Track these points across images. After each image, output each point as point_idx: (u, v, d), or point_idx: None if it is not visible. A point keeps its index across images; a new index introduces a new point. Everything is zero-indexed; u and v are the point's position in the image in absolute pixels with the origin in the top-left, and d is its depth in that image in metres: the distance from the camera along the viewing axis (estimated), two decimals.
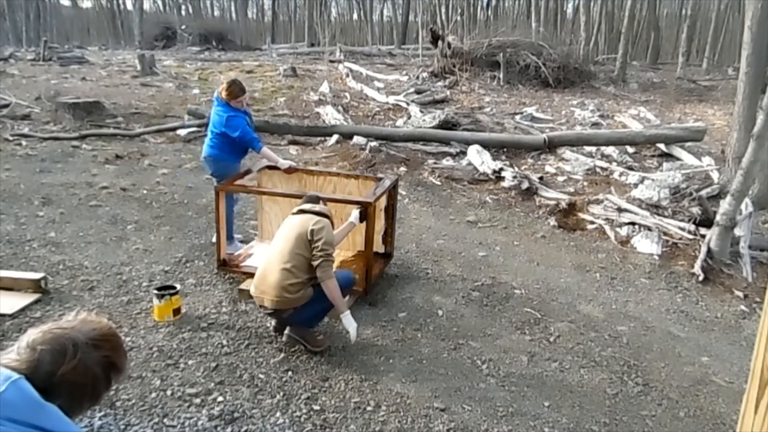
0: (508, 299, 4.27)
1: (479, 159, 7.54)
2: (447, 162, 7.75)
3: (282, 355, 3.27)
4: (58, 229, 4.85)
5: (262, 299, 3.25)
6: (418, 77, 14.58)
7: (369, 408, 2.90)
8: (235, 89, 4.29)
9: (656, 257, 5.32)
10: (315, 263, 3.17)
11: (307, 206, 3.45)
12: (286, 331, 3.34)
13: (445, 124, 8.93)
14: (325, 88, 12.08)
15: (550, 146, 8.35)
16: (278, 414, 2.79)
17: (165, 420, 2.69)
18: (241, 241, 4.74)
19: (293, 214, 3.45)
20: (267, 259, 3.34)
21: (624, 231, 5.79)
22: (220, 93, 4.35)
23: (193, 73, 14.21)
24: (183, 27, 25.47)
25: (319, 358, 3.27)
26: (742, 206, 5.38)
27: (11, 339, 3.21)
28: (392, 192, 4.44)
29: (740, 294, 4.81)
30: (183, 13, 35.39)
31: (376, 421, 2.81)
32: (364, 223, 3.88)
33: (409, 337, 3.60)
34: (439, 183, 7.06)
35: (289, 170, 4.48)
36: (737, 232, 5.36)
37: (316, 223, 3.26)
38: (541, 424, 2.92)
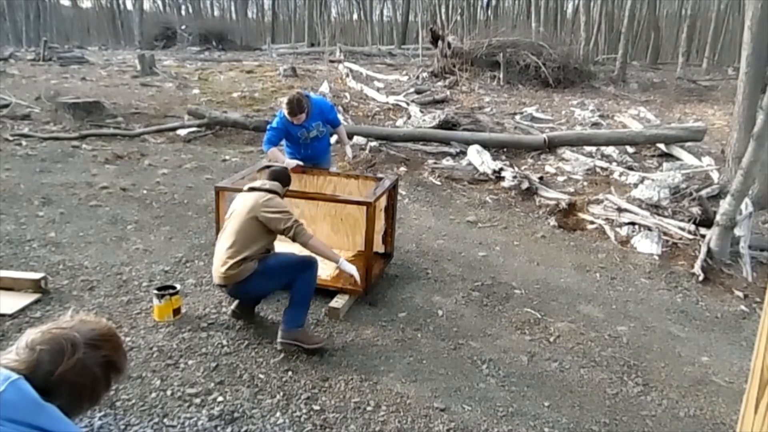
0: (508, 299, 4.27)
1: (479, 159, 7.54)
2: (447, 162, 7.75)
3: (282, 355, 3.27)
4: (58, 229, 4.85)
5: (214, 276, 3.36)
6: (418, 77, 14.57)
7: (369, 408, 2.90)
8: (285, 108, 4.49)
9: (656, 257, 5.32)
10: (288, 235, 3.27)
11: (258, 183, 3.49)
12: (279, 339, 3.27)
13: (445, 124, 8.92)
14: (325, 88, 12.08)
15: (550, 146, 8.34)
16: (278, 414, 2.79)
17: (165, 420, 2.69)
18: None
19: (244, 191, 3.47)
20: (218, 238, 3.44)
21: (624, 231, 5.79)
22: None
23: (193, 73, 14.21)
24: (183, 27, 25.48)
25: (319, 358, 3.27)
26: (742, 206, 5.38)
27: (11, 339, 3.21)
28: (392, 192, 4.44)
29: (740, 294, 4.81)
30: (183, 13, 35.38)
31: (376, 421, 2.80)
32: (364, 223, 3.88)
33: (409, 337, 3.60)
34: (439, 183, 7.06)
35: (296, 169, 4.50)
36: (737, 232, 5.36)
37: (264, 202, 3.30)
38: (541, 424, 2.92)
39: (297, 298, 3.32)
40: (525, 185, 6.81)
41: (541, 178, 7.16)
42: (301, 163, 4.58)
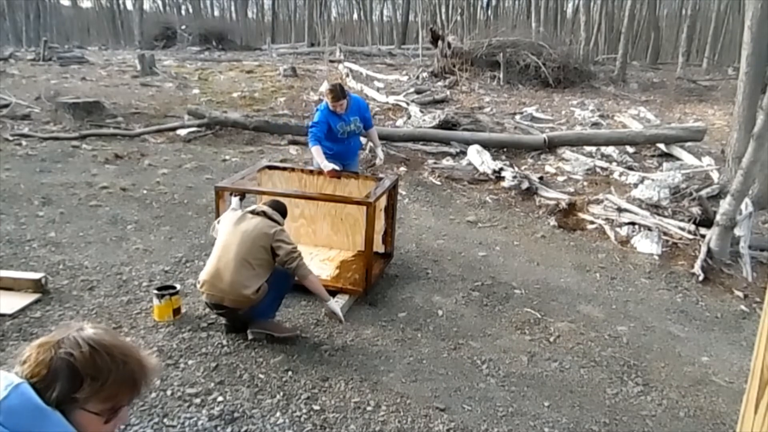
0: (508, 299, 4.27)
1: (479, 159, 7.54)
2: (447, 162, 7.75)
3: (282, 355, 3.27)
4: (58, 229, 4.85)
5: (221, 299, 3.26)
6: (418, 77, 14.56)
7: (369, 408, 2.90)
8: (329, 94, 4.58)
9: (656, 257, 5.32)
10: (291, 266, 3.27)
11: (259, 209, 3.45)
12: (250, 329, 3.35)
13: (445, 124, 8.92)
14: (325, 88, 12.06)
15: (550, 146, 8.34)
16: (278, 414, 2.79)
17: (165, 420, 2.69)
18: None
19: (244, 213, 3.44)
20: (219, 258, 3.31)
21: (624, 231, 5.79)
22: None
23: (193, 73, 14.21)
24: (183, 27, 25.47)
25: (319, 358, 3.27)
26: (742, 206, 5.38)
27: (11, 339, 3.22)
28: (392, 192, 4.44)
29: (740, 294, 4.80)
30: (183, 13, 35.41)
31: (376, 421, 2.81)
32: (364, 223, 3.88)
33: (409, 337, 3.60)
34: (439, 183, 7.06)
35: (332, 173, 4.41)
36: (737, 232, 5.36)
37: (276, 232, 3.30)
38: (541, 424, 2.92)
39: (272, 295, 3.35)
40: (525, 185, 6.80)
41: (541, 178, 7.16)
42: (337, 167, 4.47)
